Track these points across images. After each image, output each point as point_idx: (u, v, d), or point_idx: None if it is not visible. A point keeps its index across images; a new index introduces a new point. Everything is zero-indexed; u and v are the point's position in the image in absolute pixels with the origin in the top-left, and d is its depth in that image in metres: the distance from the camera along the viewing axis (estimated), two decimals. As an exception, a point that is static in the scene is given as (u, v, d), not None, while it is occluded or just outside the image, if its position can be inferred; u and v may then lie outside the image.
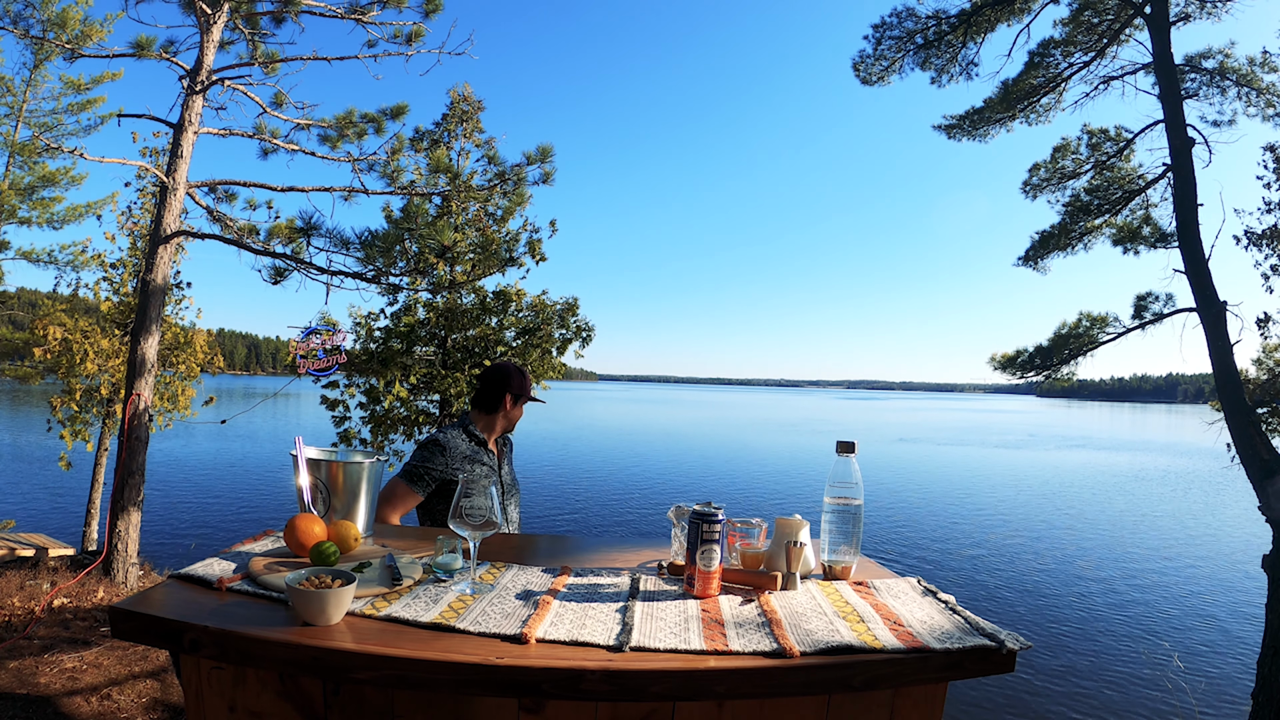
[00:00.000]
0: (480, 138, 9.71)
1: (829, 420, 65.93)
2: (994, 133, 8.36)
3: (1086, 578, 12.27)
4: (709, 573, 1.29)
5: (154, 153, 9.46)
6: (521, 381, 2.57)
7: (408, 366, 8.84)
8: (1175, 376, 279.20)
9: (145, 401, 5.47)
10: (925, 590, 1.38)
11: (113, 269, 10.47)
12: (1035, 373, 8.15)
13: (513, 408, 2.55)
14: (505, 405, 2.51)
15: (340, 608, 1.09)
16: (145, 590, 1.19)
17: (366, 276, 5.73)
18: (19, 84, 11.42)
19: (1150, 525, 17.47)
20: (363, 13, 6.22)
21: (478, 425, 2.50)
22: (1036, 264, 8.50)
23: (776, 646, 1.06)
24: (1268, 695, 5.28)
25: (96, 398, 10.16)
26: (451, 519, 1.29)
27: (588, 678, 0.97)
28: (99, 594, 5.13)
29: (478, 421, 2.51)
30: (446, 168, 6.76)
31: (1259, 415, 6.30)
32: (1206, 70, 7.32)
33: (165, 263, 5.71)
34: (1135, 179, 7.81)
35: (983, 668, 1.09)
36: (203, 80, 5.78)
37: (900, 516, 16.95)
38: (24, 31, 6.52)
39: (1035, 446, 40.94)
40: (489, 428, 2.51)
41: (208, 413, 11.16)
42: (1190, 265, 6.45)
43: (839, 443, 1.51)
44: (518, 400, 2.57)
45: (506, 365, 2.56)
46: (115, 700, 3.51)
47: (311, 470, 1.52)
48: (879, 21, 8.00)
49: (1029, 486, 23.63)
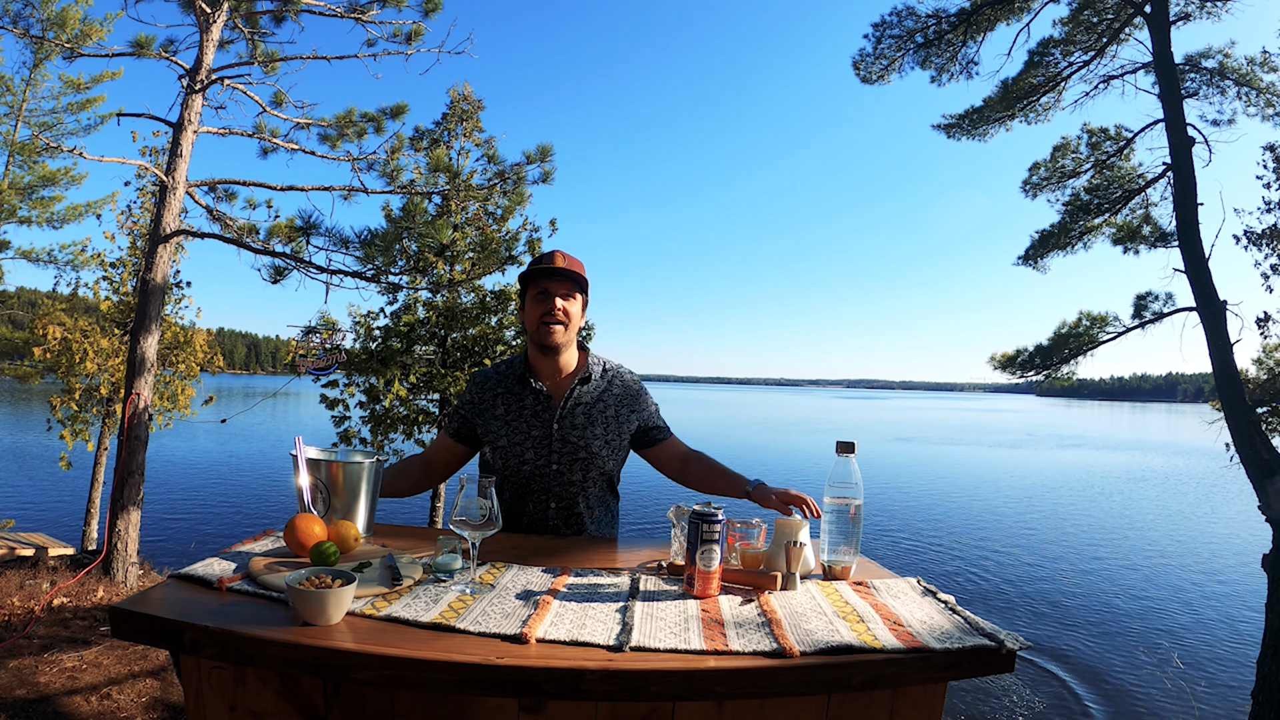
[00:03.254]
0: (480, 137, 9.71)
1: (828, 420, 65.94)
2: (994, 132, 8.36)
3: (1086, 577, 12.28)
4: (709, 573, 1.29)
5: (153, 152, 9.45)
6: (533, 263, 1.92)
7: (407, 365, 8.84)
8: (1175, 376, 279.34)
9: (145, 401, 5.47)
10: (925, 590, 1.39)
11: (112, 268, 10.46)
12: (1035, 372, 8.16)
13: (527, 310, 1.90)
14: (522, 311, 1.96)
15: (340, 608, 1.09)
16: (145, 590, 1.19)
17: (366, 275, 5.72)
18: (19, 83, 11.43)
19: (1150, 525, 17.48)
20: (362, 12, 6.22)
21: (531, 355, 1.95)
22: (1036, 263, 8.51)
23: (776, 646, 1.06)
24: (1268, 695, 5.28)
25: (96, 397, 10.16)
26: (452, 519, 1.29)
27: (588, 677, 0.98)
28: (99, 593, 5.13)
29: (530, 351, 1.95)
30: (446, 167, 6.75)
31: (1259, 415, 6.30)
32: (1206, 70, 7.32)
33: (165, 262, 5.71)
34: (1135, 178, 7.81)
35: (982, 668, 1.09)
36: (202, 79, 5.78)
37: (900, 516, 16.95)
38: (24, 31, 6.51)
39: (1035, 446, 40.97)
40: (537, 354, 1.92)
41: (208, 412, 11.16)
42: (1190, 264, 6.45)
43: (839, 443, 1.51)
44: (523, 293, 1.93)
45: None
46: (115, 700, 3.51)
47: (311, 470, 1.52)
48: (879, 20, 8.01)
49: (1029, 486, 23.64)
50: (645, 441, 2.01)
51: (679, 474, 2.01)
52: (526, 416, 1.89)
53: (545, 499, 1.88)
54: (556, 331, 1.85)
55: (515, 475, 1.89)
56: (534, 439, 1.88)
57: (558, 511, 1.89)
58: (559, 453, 1.87)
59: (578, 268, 1.90)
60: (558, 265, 1.85)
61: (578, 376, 1.93)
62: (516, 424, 1.90)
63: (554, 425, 1.87)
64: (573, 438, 1.87)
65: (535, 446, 1.87)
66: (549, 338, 1.85)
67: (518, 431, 1.89)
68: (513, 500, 1.91)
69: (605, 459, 1.90)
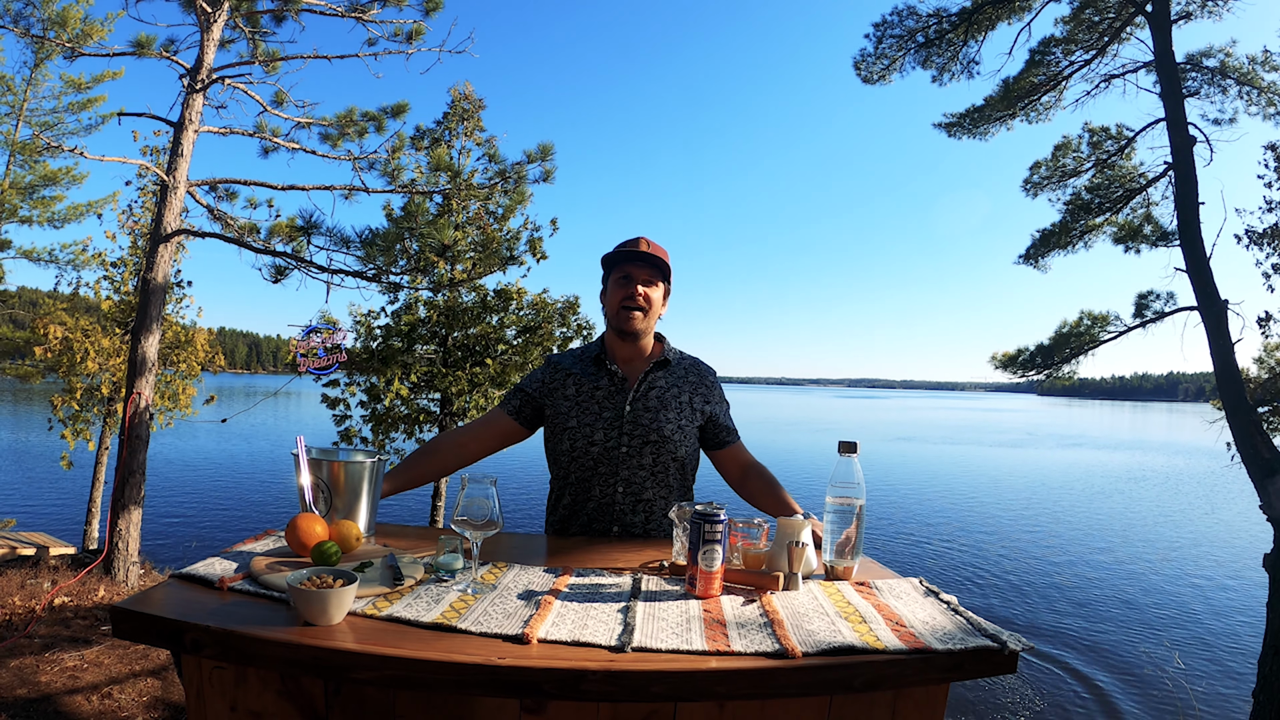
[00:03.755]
0: (481, 136, 9.70)
1: (830, 419, 65.95)
2: (995, 131, 8.35)
3: (1087, 577, 12.27)
4: (711, 573, 1.29)
5: (154, 151, 9.45)
6: (619, 247, 1.88)
7: (408, 365, 8.84)
8: (1176, 375, 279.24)
9: (146, 400, 5.47)
10: (927, 591, 1.38)
11: (113, 268, 10.47)
12: (1036, 371, 8.15)
13: (608, 293, 1.89)
14: (603, 295, 1.93)
15: (342, 608, 1.09)
16: (146, 590, 1.19)
17: (367, 275, 5.73)
18: (20, 83, 11.44)
19: (1151, 524, 17.47)
20: (363, 11, 6.22)
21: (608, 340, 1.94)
22: (1037, 262, 8.50)
23: (778, 647, 1.06)
24: (1268, 695, 5.27)
25: (97, 396, 10.17)
26: (453, 519, 1.29)
27: (589, 678, 0.97)
28: (100, 593, 5.13)
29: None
30: (447, 166, 6.75)
31: (1260, 414, 6.29)
32: (1208, 69, 7.31)
33: (166, 261, 5.71)
34: (1136, 177, 7.80)
35: (984, 668, 1.09)
36: (203, 79, 5.78)
37: (902, 517, 16.95)
38: (25, 30, 6.52)
39: (1036, 445, 40.96)
40: (614, 339, 1.91)
41: (208, 411, 11.17)
42: (1191, 264, 6.44)
43: (841, 443, 1.51)
44: (606, 276, 1.91)
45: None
46: (116, 699, 3.51)
47: (313, 469, 1.52)
48: (880, 20, 7.99)
49: (1030, 486, 23.63)
50: (713, 441, 1.97)
51: (739, 483, 1.96)
52: (599, 398, 1.86)
53: (613, 482, 1.84)
54: (636, 318, 1.83)
55: (584, 457, 1.85)
56: (605, 420, 1.85)
57: (625, 495, 1.84)
58: (629, 434, 1.83)
59: (662, 254, 1.86)
60: (641, 250, 1.83)
61: (654, 361, 1.92)
62: (588, 405, 1.88)
63: (626, 407, 1.85)
64: (645, 420, 1.84)
65: (605, 428, 1.84)
66: (628, 323, 1.82)
67: (588, 413, 1.86)
68: (578, 484, 1.87)
69: (677, 444, 1.86)
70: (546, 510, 2.01)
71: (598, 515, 1.85)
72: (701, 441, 1.99)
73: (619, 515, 1.85)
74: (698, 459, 2.01)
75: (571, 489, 1.89)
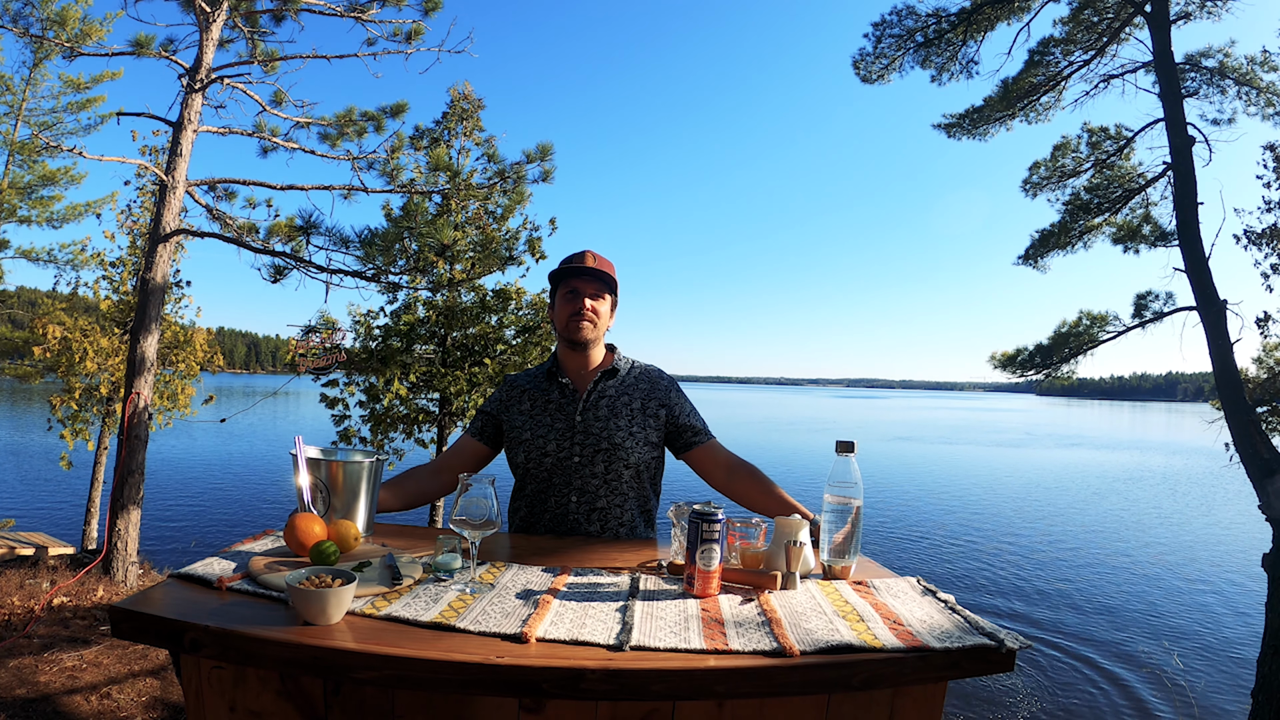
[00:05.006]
0: (480, 136, 9.69)
1: (828, 419, 65.95)
2: (994, 131, 8.36)
3: (1086, 577, 12.28)
4: (709, 572, 1.29)
5: (153, 151, 9.44)
6: (564, 263, 1.93)
7: (407, 365, 8.83)
8: (1175, 375, 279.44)
9: (145, 400, 5.47)
10: (925, 590, 1.39)
11: (112, 267, 10.46)
12: (1035, 371, 8.16)
13: (557, 307, 1.94)
14: (551, 309, 1.98)
15: (340, 607, 1.09)
16: (145, 589, 1.19)
17: (366, 275, 5.73)
18: (18, 82, 11.43)
19: (1150, 524, 17.48)
20: (362, 11, 6.22)
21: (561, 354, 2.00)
22: (1036, 262, 8.51)
23: (776, 646, 1.06)
24: (1268, 694, 5.28)
25: (96, 396, 10.16)
26: (452, 518, 1.29)
27: (588, 677, 0.98)
28: (99, 593, 5.13)
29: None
30: (446, 166, 6.75)
31: (1259, 414, 6.30)
32: (1207, 69, 7.33)
33: (165, 261, 5.71)
34: (1135, 177, 7.81)
35: (982, 667, 1.09)
36: (202, 78, 5.77)
37: (900, 516, 16.96)
38: (24, 30, 6.51)
39: (1034, 445, 40.98)
40: (565, 351, 1.96)
41: (207, 411, 11.16)
42: (1190, 264, 6.45)
43: (838, 442, 1.51)
44: (553, 291, 1.97)
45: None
46: (115, 699, 3.51)
47: (311, 469, 1.52)
48: (879, 19, 8.01)
49: (1028, 486, 23.65)
50: (682, 443, 1.97)
51: (725, 484, 1.95)
52: (551, 410, 1.91)
53: (566, 492, 1.86)
54: (585, 328, 1.89)
55: (537, 468, 1.88)
56: (557, 431, 1.88)
57: (579, 505, 1.86)
58: (581, 444, 1.86)
59: (607, 268, 1.93)
60: (587, 265, 1.89)
61: (603, 370, 1.96)
62: (540, 417, 1.91)
63: (577, 417, 1.88)
64: (595, 428, 1.87)
65: (558, 439, 1.87)
66: (578, 333, 1.89)
67: (541, 424, 1.90)
68: (534, 495, 1.90)
69: (629, 450, 1.87)
70: (507, 523, 2.02)
71: (553, 526, 1.87)
72: (672, 447, 1.99)
73: (574, 524, 1.86)
74: (659, 466, 2.01)
75: (527, 500, 1.91)
